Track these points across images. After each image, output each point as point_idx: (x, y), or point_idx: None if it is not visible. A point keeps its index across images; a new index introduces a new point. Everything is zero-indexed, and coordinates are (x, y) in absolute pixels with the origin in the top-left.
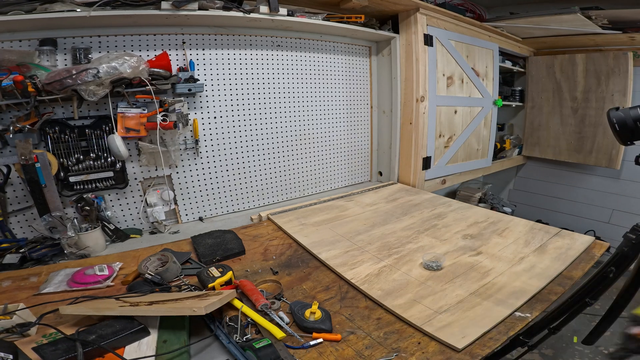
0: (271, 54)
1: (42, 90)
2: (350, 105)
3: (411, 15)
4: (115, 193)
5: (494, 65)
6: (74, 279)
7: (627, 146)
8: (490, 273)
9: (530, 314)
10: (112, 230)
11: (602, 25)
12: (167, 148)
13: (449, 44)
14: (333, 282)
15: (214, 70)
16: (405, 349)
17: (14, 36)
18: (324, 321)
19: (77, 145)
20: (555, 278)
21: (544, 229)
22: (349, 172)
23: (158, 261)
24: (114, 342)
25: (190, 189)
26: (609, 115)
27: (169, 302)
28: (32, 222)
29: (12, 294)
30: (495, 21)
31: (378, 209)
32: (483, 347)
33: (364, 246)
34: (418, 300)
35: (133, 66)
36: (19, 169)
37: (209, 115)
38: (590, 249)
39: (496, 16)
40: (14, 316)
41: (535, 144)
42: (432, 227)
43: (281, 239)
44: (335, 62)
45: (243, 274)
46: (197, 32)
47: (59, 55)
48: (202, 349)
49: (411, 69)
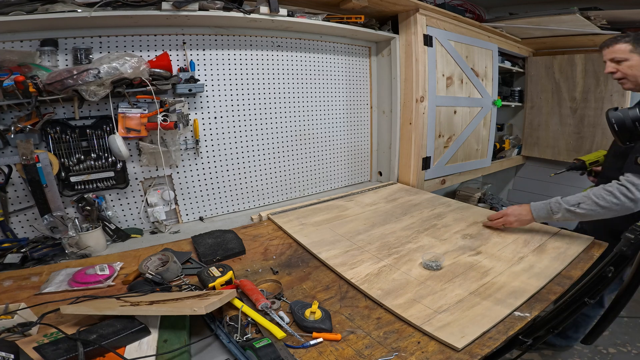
0: (271, 55)
1: (43, 91)
2: (350, 106)
3: (411, 16)
4: (116, 193)
5: (493, 65)
6: (74, 279)
7: (626, 146)
8: (490, 273)
9: (529, 313)
10: (113, 230)
11: (601, 26)
12: (167, 148)
13: (448, 44)
14: (333, 281)
15: (215, 71)
16: (405, 349)
17: (15, 37)
18: (324, 321)
19: (78, 145)
20: (554, 278)
21: (543, 229)
22: (349, 172)
23: (159, 261)
24: (114, 341)
25: (190, 189)
26: (608, 116)
27: (170, 302)
28: (33, 222)
29: (14, 294)
30: (495, 21)
31: (378, 208)
32: (482, 346)
33: (363, 246)
34: (418, 300)
35: (134, 66)
36: (20, 169)
37: (210, 116)
38: (589, 248)
39: (495, 16)
40: (15, 316)
41: (534, 144)
42: (432, 227)
43: (281, 238)
44: (335, 62)
45: (243, 273)
46: (197, 32)
47: (60, 56)
48: (202, 349)
49: (411, 69)
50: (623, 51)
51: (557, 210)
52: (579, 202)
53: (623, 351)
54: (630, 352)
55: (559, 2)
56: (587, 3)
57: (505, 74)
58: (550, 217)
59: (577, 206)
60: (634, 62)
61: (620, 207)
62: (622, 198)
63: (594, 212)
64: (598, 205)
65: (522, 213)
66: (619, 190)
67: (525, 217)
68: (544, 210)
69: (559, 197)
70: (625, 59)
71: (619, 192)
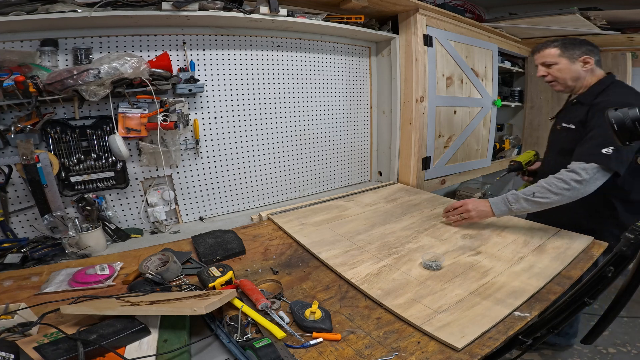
0: (271, 55)
1: (43, 91)
2: (350, 106)
3: (411, 16)
4: (116, 193)
5: (493, 65)
6: (75, 279)
7: (625, 146)
8: (490, 273)
9: (529, 313)
10: (113, 230)
11: (601, 26)
12: (167, 148)
13: (448, 44)
14: (333, 281)
15: (215, 71)
16: (404, 349)
17: (15, 37)
18: (324, 321)
19: (78, 145)
20: (554, 278)
21: (542, 229)
22: (349, 172)
23: (159, 261)
24: (114, 341)
25: (190, 189)
26: (608, 116)
27: (170, 302)
28: (34, 221)
29: (14, 294)
30: (495, 22)
31: (378, 208)
32: (482, 346)
33: (363, 246)
34: (417, 300)
35: (134, 66)
36: (21, 169)
37: (210, 116)
38: (589, 248)
39: (495, 17)
40: (15, 316)
41: (534, 144)
42: (432, 227)
43: (281, 238)
44: (335, 62)
45: (243, 273)
46: (197, 32)
47: (60, 56)
48: (202, 349)
49: (411, 69)
50: (552, 55)
51: (513, 201)
52: (533, 192)
53: (623, 351)
54: (630, 352)
55: (559, 2)
56: (587, 3)
57: (505, 74)
58: (509, 208)
59: (532, 195)
60: (562, 65)
61: (571, 191)
62: (572, 183)
63: (548, 199)
64: (551, 192)
65: (481, 207)
66: (568, 177)
67: (484, 209)
68: (501, 203)
69: (514, 189)
70: (555, 63)
71: (568, 178)
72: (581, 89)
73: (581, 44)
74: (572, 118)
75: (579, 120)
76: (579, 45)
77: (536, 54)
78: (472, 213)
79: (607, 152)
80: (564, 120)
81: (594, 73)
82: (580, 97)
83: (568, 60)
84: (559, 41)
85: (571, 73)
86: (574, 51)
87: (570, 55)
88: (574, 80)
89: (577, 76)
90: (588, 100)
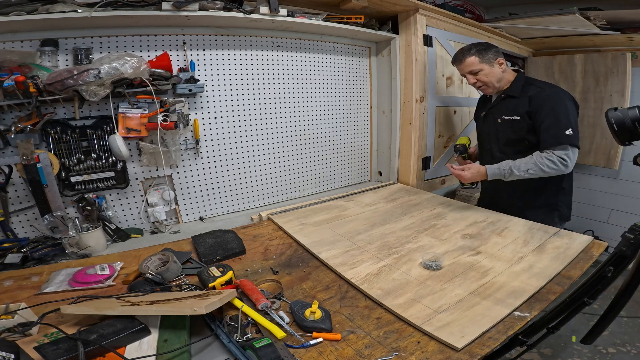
0: (271, 55)
1: (43, 91)
2: (350, 106)
3: (411, 16)
4: (117, 193)
5: None
6: (75, 279)
7: (625, 146)
8: (490, 273)
9: (529, 313)
10: (113, 230)
11: (601, 26)
12: (167, 148)
13: (448, 44)
14: (333, 281)
15: (215, 71)
16: (404, 349)
17: (15, 37)
18: (324, 320)
19: (78, 145)
20: (554, 278)
21: (542, 229)
22: (349, 172)
23: (159, 261)
24: (115, 341)
25: (190, 189)
26: (608, 116)
27: (170, 302)
28: (34, 221)
29: (14, 294)
30: (494, 22)
31: (378, 208)
32: (482, 346)
33: (363, 246)
34: (417, 300)
35: (134, 67)
36: (21, 169)
37: (210, 116)
38: (588, 248)
39: (495, 17)
40: (15, 315)
41: None
42: (432, 227)
43: (281, 238)
44: (335, 62)
45: (243, 273)
46: (197, 32)
47: (60, 56)
48: (202, 348)
49: (411, 69)
50: (475, 63)
51: (508, 175)
52: (527, 169)
53: (623, 351)
54: (630, 352)
55: (559, 2)
56: (587, 3)
57: None
58: (503, 177)
59: (526, 172)
60: (486, 70)
61: (557, 172)
62: (560, 166)
63: (536, 174)
64: (542, 171)
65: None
66: (559, 161)
67: (480, 172)
68: (498, 173)
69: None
70: (480, 70)
71: (558, 162)
72: (505, 85)
73: (489, 47)
74: (512, 110)
75: (525, 112)
76: (488, 49)
77: (459, 65)
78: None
79: (569, 133)
80: (504, 113)
81: (506, 71)
82: (508, 91)
83: (488, 65)
84: (473, 49)
85: (495, 75)
86: (488, 55)
87: (487, 60)
88: (498, 81)
89: (500, 77)
90: (517, 93)
